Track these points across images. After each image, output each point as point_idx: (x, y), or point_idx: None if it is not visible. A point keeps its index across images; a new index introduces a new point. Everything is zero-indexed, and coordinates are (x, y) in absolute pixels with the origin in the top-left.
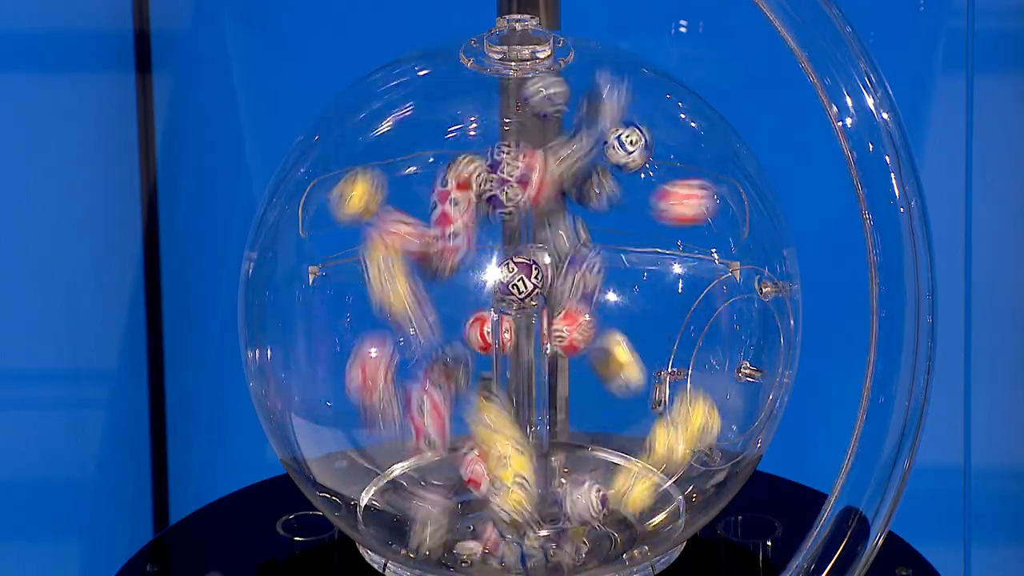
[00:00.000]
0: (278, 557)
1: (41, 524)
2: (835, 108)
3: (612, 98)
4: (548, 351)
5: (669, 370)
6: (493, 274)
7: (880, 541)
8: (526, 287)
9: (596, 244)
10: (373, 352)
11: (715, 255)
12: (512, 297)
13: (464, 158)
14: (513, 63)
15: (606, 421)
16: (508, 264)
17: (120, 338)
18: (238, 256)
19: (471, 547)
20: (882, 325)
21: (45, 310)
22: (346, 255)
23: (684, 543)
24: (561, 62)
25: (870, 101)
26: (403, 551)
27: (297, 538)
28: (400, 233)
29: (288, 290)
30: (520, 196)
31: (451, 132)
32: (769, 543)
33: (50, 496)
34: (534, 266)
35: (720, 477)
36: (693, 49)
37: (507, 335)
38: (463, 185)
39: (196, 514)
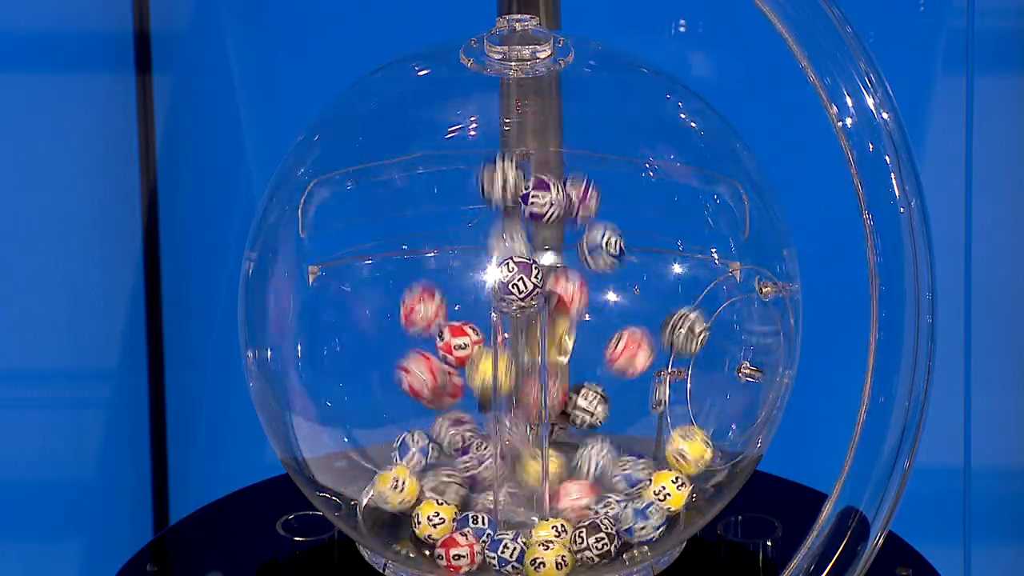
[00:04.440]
0: (278, 557)
1: (41, 524)
2: (835, 108)
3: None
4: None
5: (669, 370)
6: (493, 274)
7: (880, 541)
8: (526, 287)
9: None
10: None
11: (715, 255)
12: (512, 297)
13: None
14: (513, 63)
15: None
16: (508, 264)
17: (120, 338)
18: (238, 256)
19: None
20: (882, 325)
21: (45, 310)
22: (346, 255)
23: (684, 543)
24: (561, 62)
25: (870, 101)
26: (399, 549)
27: (297, 538)
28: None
29: (288, 290)
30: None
31: (451, 132)
32: (769, 543)
33: (50, 496)
34: (534, 266)
35: (720, 477)
36: (693, 49)
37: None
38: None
39: (196, 514)
